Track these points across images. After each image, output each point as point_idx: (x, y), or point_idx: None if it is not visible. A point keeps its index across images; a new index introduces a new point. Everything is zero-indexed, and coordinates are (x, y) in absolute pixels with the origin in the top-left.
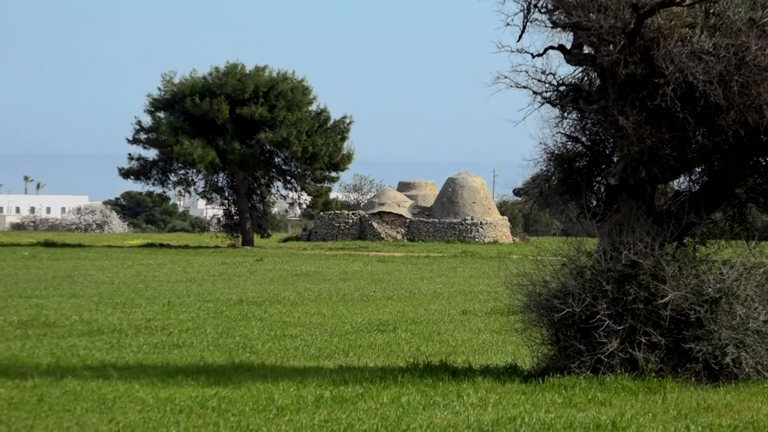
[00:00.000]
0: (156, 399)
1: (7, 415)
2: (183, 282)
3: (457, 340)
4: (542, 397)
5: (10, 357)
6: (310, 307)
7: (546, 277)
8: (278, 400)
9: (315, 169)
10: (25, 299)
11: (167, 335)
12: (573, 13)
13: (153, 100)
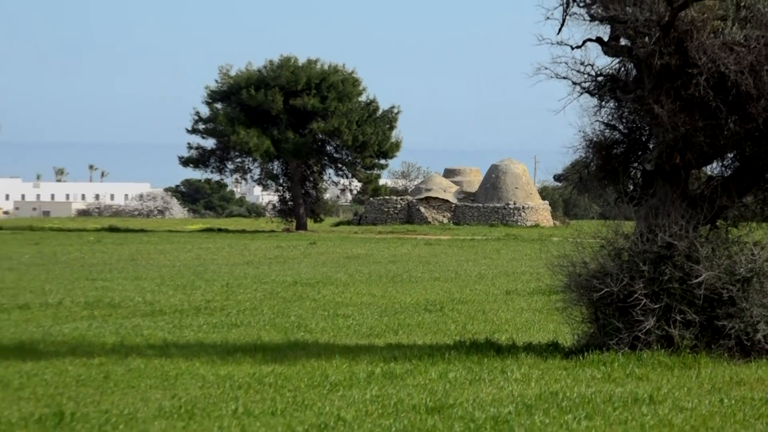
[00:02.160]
0: (216, 376)
1: (75, 391)
2: (240, 265)
3: (501, 319)
4: (582, 373)
5: (77, 336)
6: (361, 288)
7: (585, 258)
8: (332, 376)
9: (365, 157)
10: (91, 282)
11: (226, 315)
12: (610, 7)
13: (211, 92)
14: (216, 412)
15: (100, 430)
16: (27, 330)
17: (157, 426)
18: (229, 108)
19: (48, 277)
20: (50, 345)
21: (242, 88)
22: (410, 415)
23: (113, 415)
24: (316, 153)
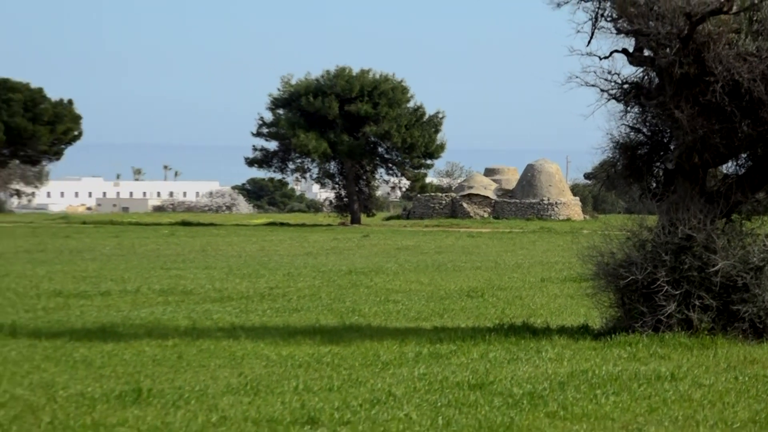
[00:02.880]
0: (278, 356)
1: (152, 369)
2: (300, 255)
3: (537, 304)
4: (610, 353)
5: (153, 320)
6: (410, 276)
7: (613, 249)
8: (383, 356)
9: (413, 158)
10: (165, 270)
11: (287, 301)
12: (635, 22)
13: (273, 99)
14: (279, 389)
15: (174, 405)
16: (108, 314)
17: (225, 401)
18: (290, 113)
19: (127, 267)
20: (129, 328)
21: (302, 95)
22: (454, 391)
23: (186, 392)
24: (368, 154)
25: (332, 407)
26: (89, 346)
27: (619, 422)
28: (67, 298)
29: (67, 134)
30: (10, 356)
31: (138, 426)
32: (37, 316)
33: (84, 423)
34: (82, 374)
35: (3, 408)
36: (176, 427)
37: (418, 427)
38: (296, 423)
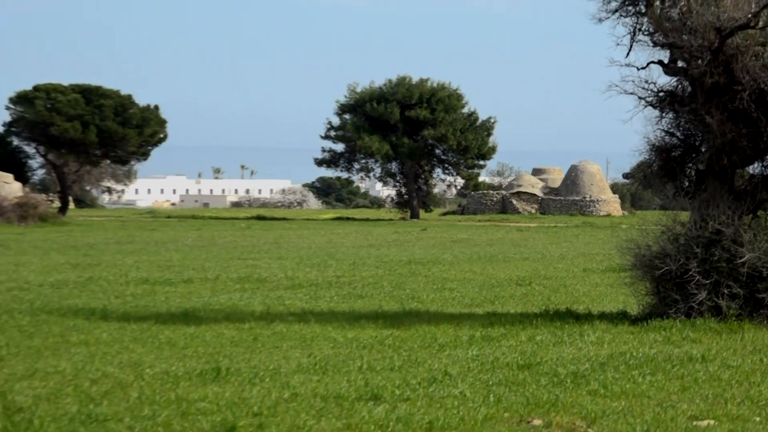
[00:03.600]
0: (344, 338)
1: (230, 350)
2: (364, 247)
3: (579, 292)
4: (646, 337)
5: (231, 306)
6: (464, 266)
7: (649, 242)
8: (440, 338)
9: (467, 159)
10: (242, 261)
11: (353, 288)
12: (669, 35)
13: (341, 105)
14: (345, 368)
15: (250, 382)
16: (190, 300)
17: (296, 379)
18: (355, 118)
19: (207, 257)
20: (209, 312)
21: (366, 101)
22: (504, 370)
23: (260, 370)
24: (426, 155)
25: (393, 385)
26: (173, 328)
27: (654, 400)
28: (153, 285)
29: (154, 137)
30: (101, 337)
31: (217, 401)
32: (126, 302)
33: (168, 398)
34: (167, 354)
35: (95, 384)
36: (252, 403)
37: (471, 404)
38: (360, 399)
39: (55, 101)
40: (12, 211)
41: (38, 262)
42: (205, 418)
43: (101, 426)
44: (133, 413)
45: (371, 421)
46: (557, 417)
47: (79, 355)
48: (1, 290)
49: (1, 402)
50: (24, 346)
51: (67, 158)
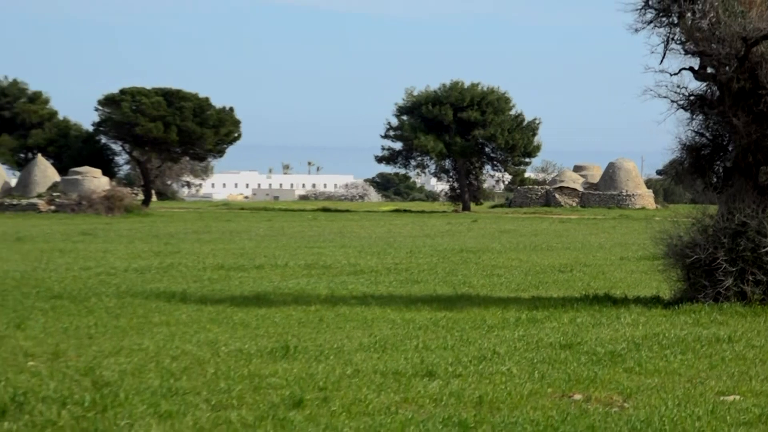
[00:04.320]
0: (402, 319)
1: (298, 330)
2: (420, 237)
3: (616, 278)
4: (677, 319)
5: (298, 290)
6: (511, 254)
7: (680, 233)
8: (489, 320)
9: (514, 156)
10: (309, 249)
11: (409, 274)
12: (700, 44)
13: (399, 107)
14: (402, 347)
15: (316, 359)
16: (262, 284)
17: (358, 356)
18: (412, 119)
19: (277, 246)
20: (279, 296)
21: (422, 104)
22: (548, 350)
23: (325, 348)
24: (477, 153)
25: (446, 362)
26: (246, 310)
27: (685, 377)
28: (228, 271)
29: (229, 136)
30: (181, 318)
31: (286, 377)
32: (203, 286)
33: (242, 374)
34: (240, 333)
35: (175, 361)
36: (318, 378)
37: (517, 380)
38: (417, 375)
39: (140, 103)
40: (100, 203)
41: (124, 250)
42: (275, 392)
43: (181, 399)
44: (210, 387)
45: (426, 396)
46: (596, 392)
47: (160, 335)
48: (90, 275)
49: (91, 376)
50: (111, 326)
51: (150, 155)
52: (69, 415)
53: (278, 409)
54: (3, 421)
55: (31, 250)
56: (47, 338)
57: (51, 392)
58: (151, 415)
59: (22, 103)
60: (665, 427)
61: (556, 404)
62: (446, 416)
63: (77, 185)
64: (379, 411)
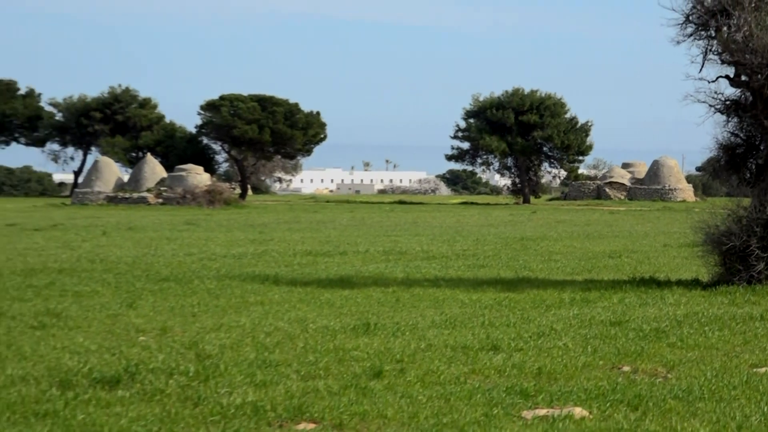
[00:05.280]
0: (470, 299)
1: (377, 309)
2: (485, 226)
3: (660, 263)
4: (715, 300)
5: (377, 273)
6: (566, 242)
7: (717, 223)
8: (547, 300)
9: (569, 155)
10: (386, 237)
11: (476, 259)
12: (735, 55)
13: (466, 111)
14: (470, 324)
15: (393, 335)
16: (345, 268)
17: (431, 333)
18: (478, 122)
19: (358, 234)
20: (360, 279)
21: (487, 108)
22: (599, 326)
23: (402, 325)
24: (536, 152)
25: (509, 338)
26: (331, 291)
27: (721, 351)
28: (315, 256)
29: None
30: (274, 298)
31: (367, 350)
32: (293, 270)
33: (328, 348)
34: (326, 312)
35: (269, 336)
36: (395, 351)
37: (572, 353)
38: (483, 349)
39: (237, 108)
40: (202, 197)
41: (223, 238)
42: (357, 364)
43: (274, 370)
44: (300, 360)
45: (491, 367)
46: (642, 364)
47: (255, 313)
48: (193, 260)
49: (194, 350)
50: (212, 305)
51: (246, 154)
52: (175, 384)
53: (360, 379)
54: (117, 389)
55: (141, 238)
56: (156, 316)
57: (159, 364)
58: (248, 384)
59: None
60: (704, 396)
61: (607, 375)
62: (509, 386)
63: (182, 181)
64: (449, 381)
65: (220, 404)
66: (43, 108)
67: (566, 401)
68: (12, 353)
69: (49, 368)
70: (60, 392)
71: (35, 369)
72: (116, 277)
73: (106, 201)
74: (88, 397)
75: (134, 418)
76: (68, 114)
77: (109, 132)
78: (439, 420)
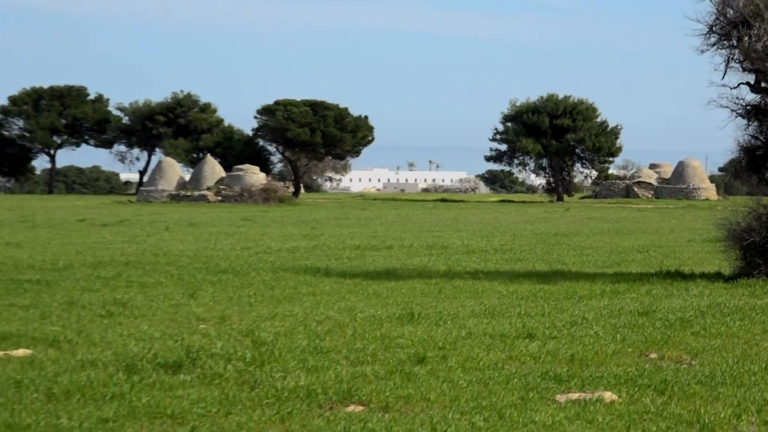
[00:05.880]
0: (506, 291)
1: (420, 299)
2: (521, 222)
3: (685, 257)
4: (736, 291)
5: (421, 266)
6: (597, 237)
7: (738, 219)
8: (579, 292)
9: (600, 156)
10: (429, 232)
11: (513, 254)
12: (755, 63)
13: (504, 115)
14: (507, 313)
15: (435, 323)
16: (391, 261)
17: (470, 322)
18: (515, 125)
19: (403, 229)
20: (405, 271)
21: (524, 113)
22: (628, 316)
23: (444, 315)
24: (569, 153)
25: (544, 326)
26: (378, 283)
27: (742, 339)
28: (363, 250)
29: (364, 139)
30: (324, 289)
31: (411, 338)
32: (342, 263)
33: (375, 335)
34: (374, 302)
35: (320, 324)
36: (437, 339)
37: (603, 341)
38: (519, 337)
39: (291, 112)
40: (258, 195)
41: (277, 233)
42: (402, 350)
43: (324, 356)
44: (348, 346)
45: (527, 354)
46: (668, 352)
47: (308, 303)
48: (250, 254)
49: (251, 337)
50: (267, 296)
51: (299, 155)
52: (233, 369)
53: (405, 365)
54: (179, 374)
55: (201, 233)
56: (215, 305)
57: (218, 350)
58: (300, 369)
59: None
60: (726, 381)
61: (635, 361)
62: (544, 371)
63: (239, 180)
64: (488, 366)
65: (275, 388)
66: (111, 112)
67: (597, 386)
68: (82, 340)
69: (116, 354)
70: (126, 376)
71: (103, 354)
72: (178, 269)
73: (169, 199)
74: (152, 381)
75: (195, 401)
76: (134, 118)
77: (171, 134)
78: (479, 403)
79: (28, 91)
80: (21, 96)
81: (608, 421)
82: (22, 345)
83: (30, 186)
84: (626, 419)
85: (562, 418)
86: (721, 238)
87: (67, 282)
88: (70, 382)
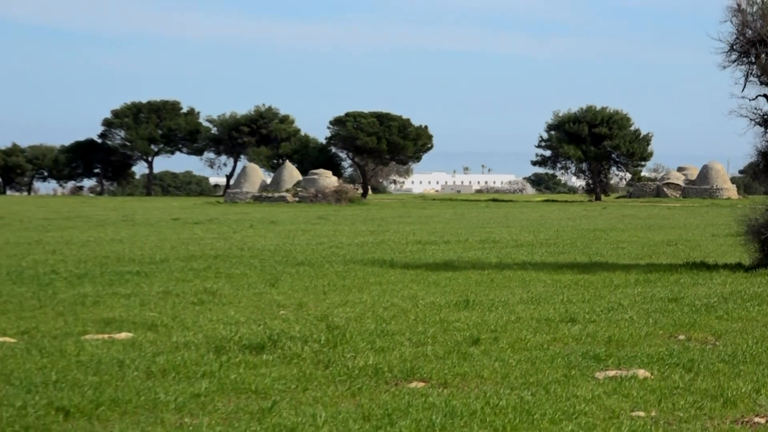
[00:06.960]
0: (551, 280)
1: (475, 288)
2: (564, 219)
3: (708, 249)
4: (755, 280)
5: (475, 258)
6: (631, 232)
7: (757, 216)
8: (615, 281)
9: (633, 160)
10: (481, 229)
11: (556, 247)
12: None
13: (548, 124)
14: (551, 300)
15: (488, 309)
16: (448, 255)
17: (519, 308)
18: (558, 133)
19: (459, 226)
20: (461, 263)
21: (565, 122)
22: (659, 302)
23: (495, 302)
24: (606, 158)
25: (584, 311)
26: (437, 273)
27: (761, 322)
28: (423, 245)
29: (424, 146)
30: (390, 279)
31: (467, 322)
32: (406, 256)
33: (434, 320)
34: (433, 290)
35: (386, 310)
36: (490, 323)
37: (636, 324)
38: (562, 321)
39: (359, 123)
40: (331, 196)
41: (348, 230)
42: (459, 333)
43: (390, 338)
44: (411, 330)
45: (569, 336)
46: (695, 333)
47: (375, 291)
48: (324, 248)
49: (325, 322)
50: (339, 285)
51: (367, 161)
52: (309, 350)
53: (461, 346)
54: (262, 354)
55: (281, 230)
56: (293, 293)
57: (296, 333)
58: (369, 350)
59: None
60: (746, 360)
61: (666, 342)
62: (584, 351)
63: (314, 183)
64: (535, 347)
65: (347, 366)
66: (202, 123)
67: (632, 364)
68: (176, 324)
69: (206, 336)
70: (215, 356)
71: (195, 337)
72: (261, 261)
73: (253, 200)
74: (238, 361)
75: (276, 378)
76: (222, 128)
77: (255, 143)
78: (527, 380)
79: (128, 106)
80: (122, 110)
81: (642, 396)
82: (124, 329)
83: (130, 189)
84: (657, 393)
85: (601, 393)
86: (742, 233)
87: (163, 273)
88: (167, 362)
